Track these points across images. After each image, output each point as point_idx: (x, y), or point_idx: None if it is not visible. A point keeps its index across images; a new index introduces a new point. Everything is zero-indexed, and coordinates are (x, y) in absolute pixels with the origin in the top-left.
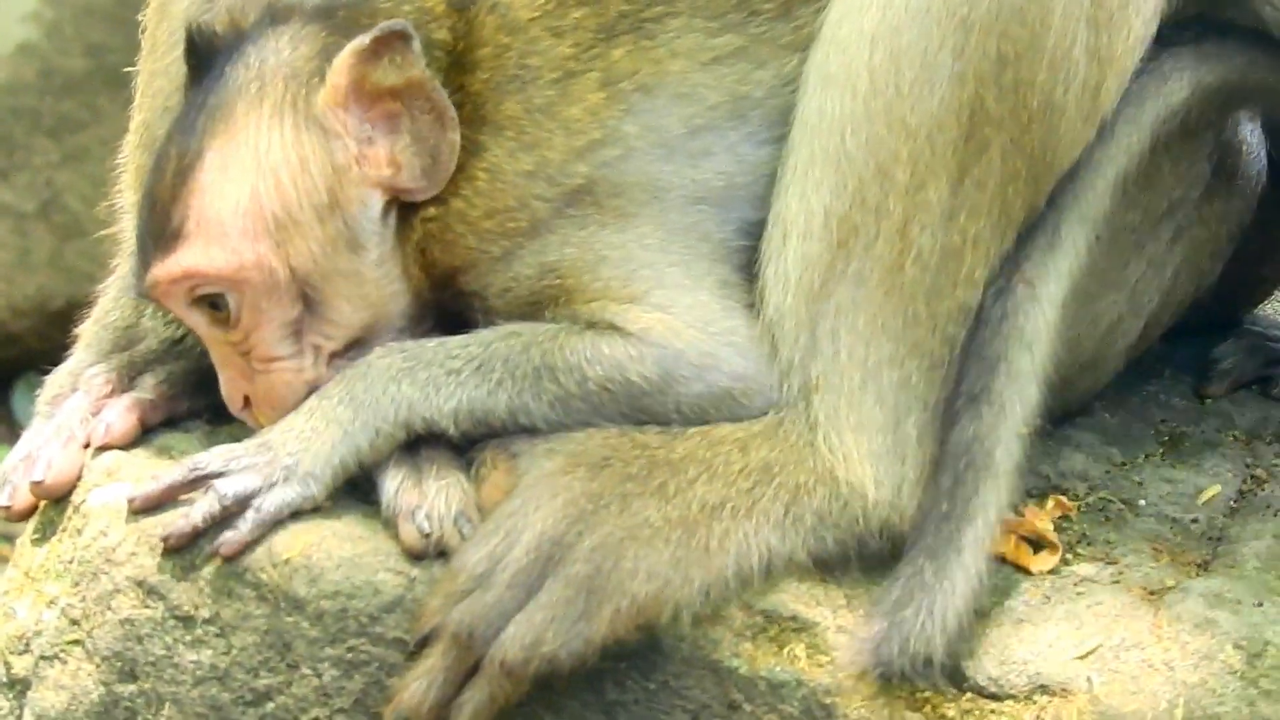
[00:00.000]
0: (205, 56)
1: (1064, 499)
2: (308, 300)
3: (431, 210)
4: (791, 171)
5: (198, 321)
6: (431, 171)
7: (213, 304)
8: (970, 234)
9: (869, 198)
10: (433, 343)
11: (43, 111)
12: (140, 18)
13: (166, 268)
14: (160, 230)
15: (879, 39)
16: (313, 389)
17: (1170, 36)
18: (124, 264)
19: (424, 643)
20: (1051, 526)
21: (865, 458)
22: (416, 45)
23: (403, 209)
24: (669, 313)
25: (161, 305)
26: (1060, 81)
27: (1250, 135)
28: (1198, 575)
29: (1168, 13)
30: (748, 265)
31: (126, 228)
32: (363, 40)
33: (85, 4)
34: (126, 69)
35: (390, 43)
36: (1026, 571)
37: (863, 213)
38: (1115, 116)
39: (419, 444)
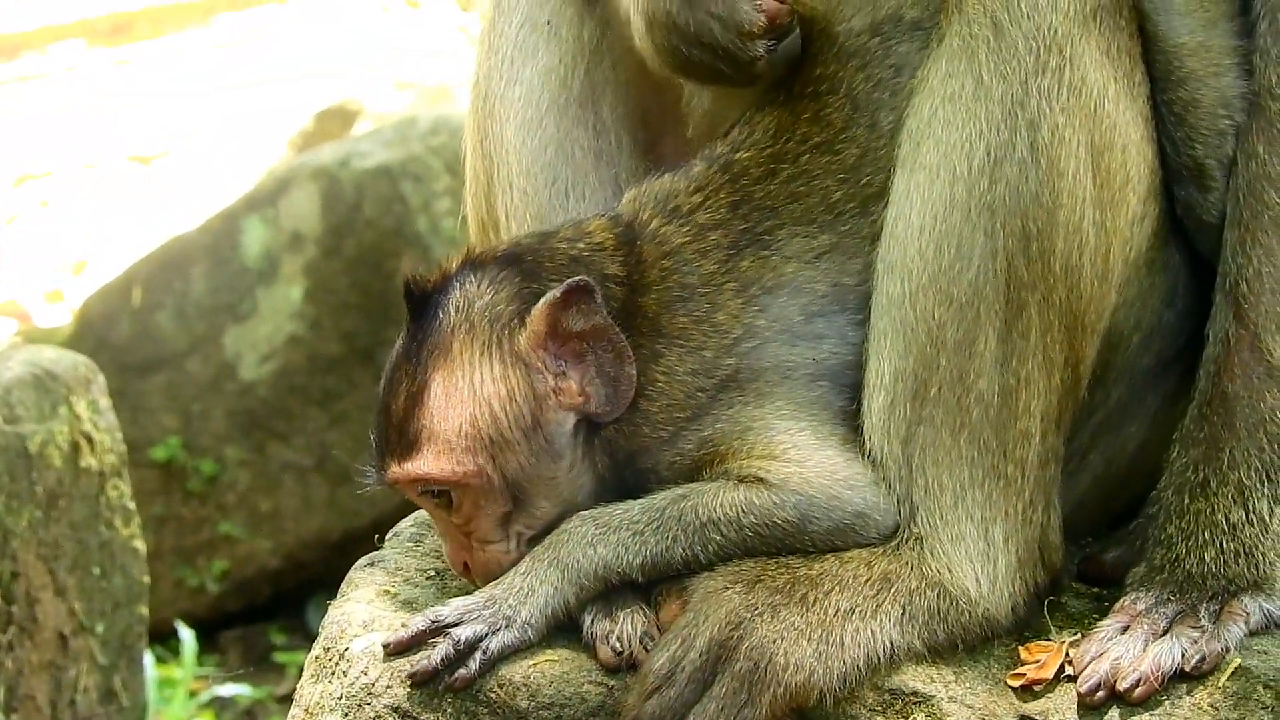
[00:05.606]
0: (420, 299)
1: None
2: (516, 499)
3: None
4: (874, 343)
5: (427, 505)
6: (614, 398)
7: (437, 494)
8: (1021, 375)
9: (929, 357)
10: (617, 509)
11: (311, 387)
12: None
13: (405, 470)
14: (398, 439)
15: (924, 229)
16: (516, 562)
17: None
18: None
19: None
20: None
21: (963, 562)
22: (598, 296)
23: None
24: (803, 466)
25: (400, 493)
26: (1075, 249)
27: None
28: None
29: (1159, 191)
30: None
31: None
32: (555, 294)
33: (339, 302)
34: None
35: (577, 294)
36: None
37: (927, 370)
38: None
39: None
